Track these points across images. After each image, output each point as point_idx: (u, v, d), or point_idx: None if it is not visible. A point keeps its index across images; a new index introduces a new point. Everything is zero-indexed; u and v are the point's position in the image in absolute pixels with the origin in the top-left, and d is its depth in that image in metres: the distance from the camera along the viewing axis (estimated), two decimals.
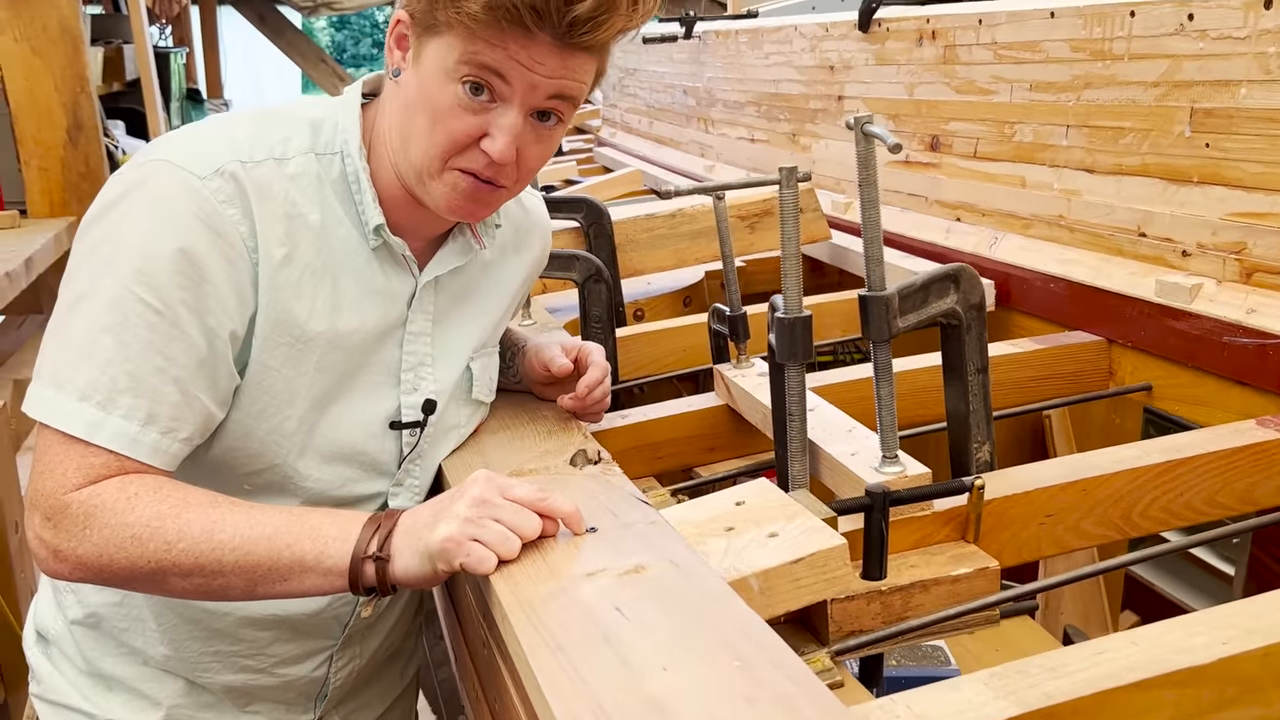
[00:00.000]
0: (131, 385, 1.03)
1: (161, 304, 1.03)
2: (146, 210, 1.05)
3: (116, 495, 1.02)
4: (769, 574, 1.02)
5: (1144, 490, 1.26)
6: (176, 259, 1.03)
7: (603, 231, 2.18)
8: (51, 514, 1.02)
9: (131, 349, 1.02)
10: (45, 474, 1.03)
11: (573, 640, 0.91)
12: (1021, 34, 1.95)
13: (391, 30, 1.11)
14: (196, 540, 1.01)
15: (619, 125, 4.59)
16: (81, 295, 1.04)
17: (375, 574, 1.03)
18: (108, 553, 1.01)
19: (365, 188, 1.14)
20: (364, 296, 1.17)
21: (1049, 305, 1.86)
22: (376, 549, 1.02)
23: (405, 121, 1.10)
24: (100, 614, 1.23)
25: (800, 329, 1.17)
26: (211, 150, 1.08)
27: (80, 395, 1.02)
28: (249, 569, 1.02)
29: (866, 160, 1.12)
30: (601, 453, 1.32)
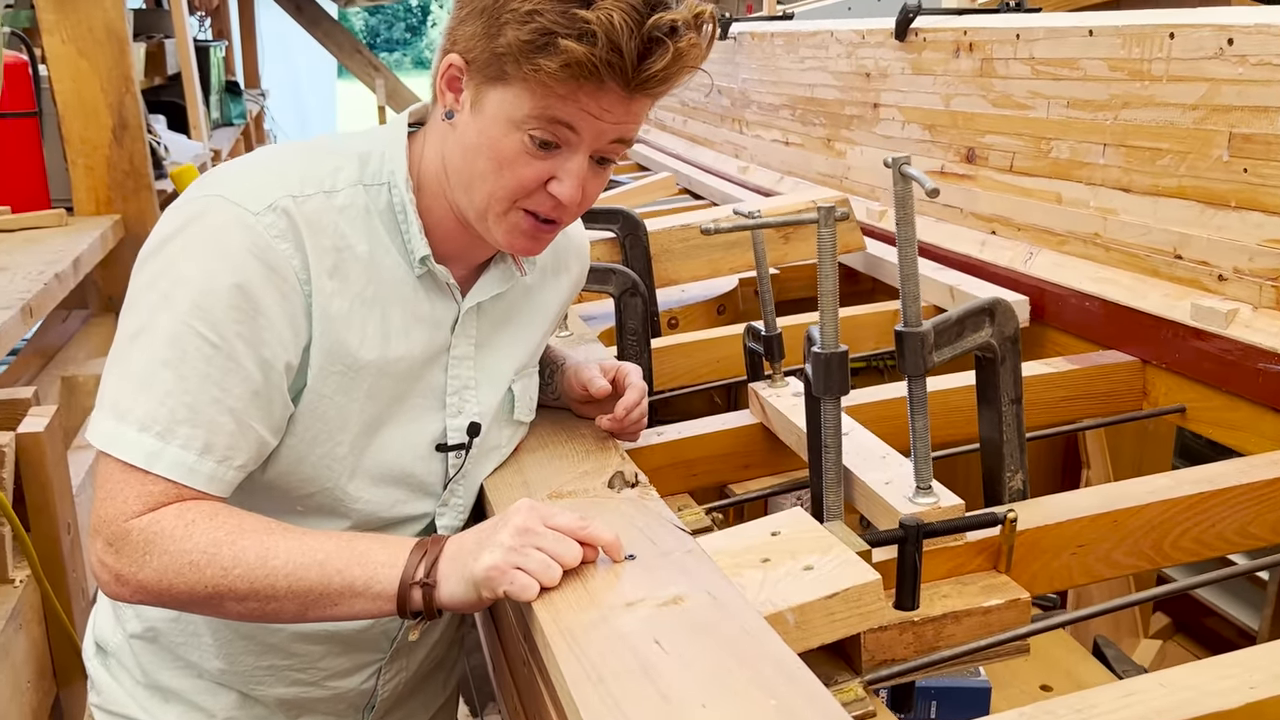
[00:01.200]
0: (189, 416, 1.06)
1: (218, 337, 1.07)
2: (202, 245, 1.08)
3: (174, 523, 1.06)
4: (805, 609, 1.04)
5: (1176, 521, 1.28)
6: (232, 293, 1.07)
7: (638, 242, 2.21)
8: (113, 540, 1.06)
9: (189, 382, 1.06)
10: (106, 501, 1.07)
11: (613, 672, 0.94)
12: (1059, 50, 1.95)
13: (443, 73, 1.13)
14: (251, 566, 1.05)
15: (652, 122, 4.60)
16: (141, 328, 1.08)
17: (422, 599, 1.06)
18: (167, 578, 1.05)
19: (412, 219, 1.18)
20: (411, 324, 1.20)
21: (1083, 323, 1.87)
22: (424, 575, 1.06)
23: (466, 164, 1.13)
24: (158, 629, 1.28)
25: (836, 364, 1.19)
26: (264, 185, 1.12)
27: (140, 426, 1.06)
28: (301, 594, 1.06)
29: (904, 200, 1.13)
30: (639, 475, 1.35)
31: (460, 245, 1.22)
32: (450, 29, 1.14)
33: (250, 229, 1.08)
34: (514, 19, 1.04)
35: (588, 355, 1.83)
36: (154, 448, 1.06)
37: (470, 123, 1.12)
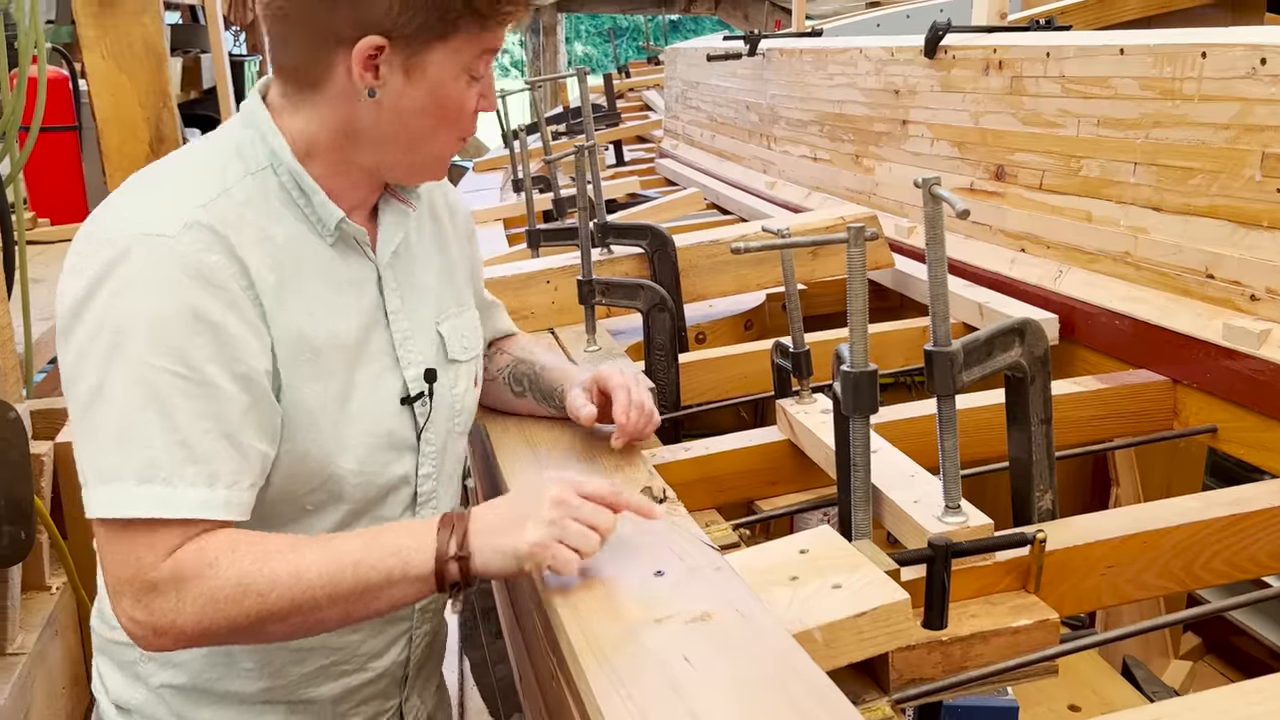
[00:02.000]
0: (187, 454, 1.05)
1: (186, 368, 1.06)
2: (134, 285, 1.07)
3: (197, 562, 1.05)
4: (833, 627, 1.05)
5: (1207, 543, 1.27)
6: (184, 320, 1.06)
7: (666, 258, 2.22)
8: (141, 595, 1.05)
9: (174, 419, 1.05)
10: (121, 563, 1.05)
11: (642, 689, 0.95)
12: (1090, 69, 1.95)
13: (358, 60, 1.14)
14: (288, 586, 1.06)
15: (681, 137, 4.62)
16: (96, 388, 1.06)
17: (459, 571, 1.09)
18: (207, 616, 1.05)
19: (315, 189, 1.20)
20: (340, 292, 1.22)
21: (1113, 342, 1.86)
22: (456, 549, 1.09)
23: (405, 128, 1.19)
24: (192, 668, 1.26)
25: (865, 383, 1.19)
26: (169, 206, 1.11)
27: (139, 479, 1.04)
28: (341, 598, 1.07)
29: (934, 221, 1.14)
30: (667, 490, 1.36)
31: (350, 199, 1.25)
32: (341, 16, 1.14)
33: (176, 253, 1.08)
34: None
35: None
36: (163, 494, 1.05)
37: (409, 91, 1.16)
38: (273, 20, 1.17)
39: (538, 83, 3.16)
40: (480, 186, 4.72)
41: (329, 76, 1.17)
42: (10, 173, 2.19)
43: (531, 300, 2.18)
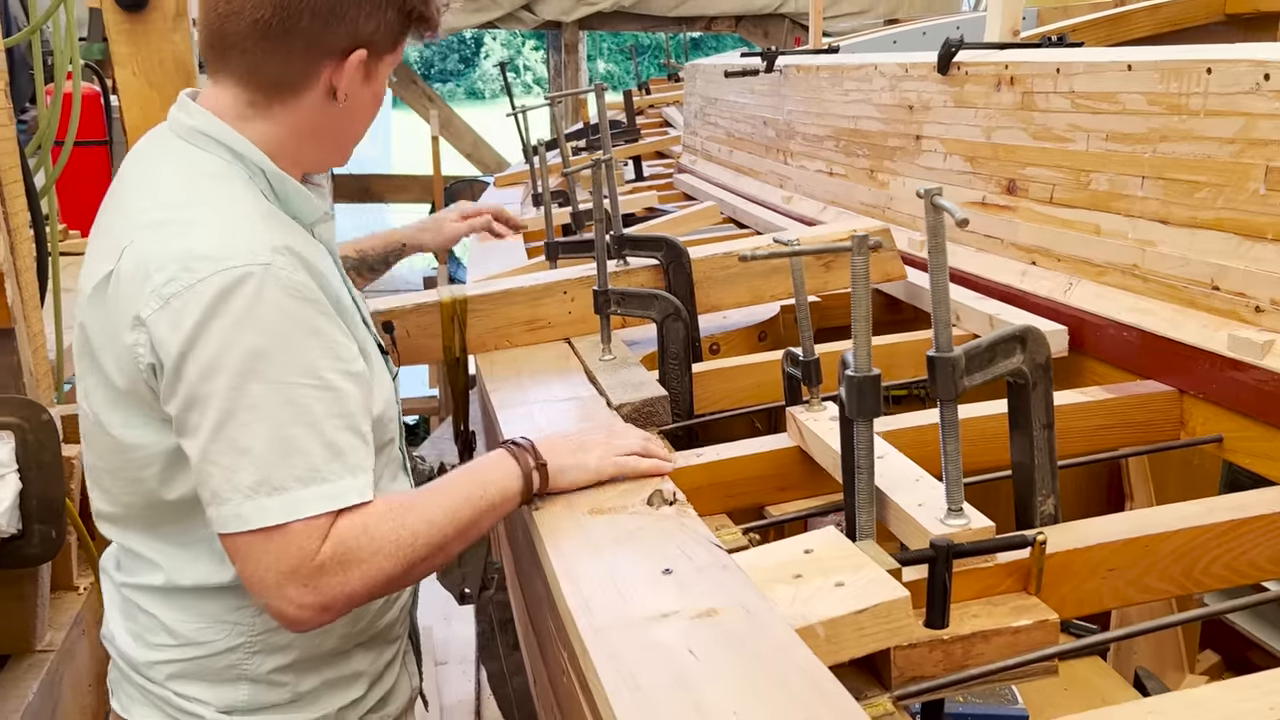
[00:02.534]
0: (334, 453, 1.21)
1: (316, 379, 1.21)
2: (250, 314, 1.18)
3: (355, 537, 1.21)
4: (835, 623, 1.08)
5: (1207, 547, 1.29)
6: (304, 336, 1.21)
7: (681, 269, 2.26)
8: (310, 579, 1.19)
9: (319, 426, 1.20)
10: (281, 559, 1.19)
11: (650, 681, 0.98)
12: (1099, 85, 1.98)
13: (349, 69, 1.30)
14: (426, 532, 1.25)
15: (699, 153, 4.66)
16: (229, 412, 1.18)
17: (540, 481, 1.36)
18: (369, 578, 1.22)
19: (300, 189, 1.35)
20: (331, 276, 1.36)
21: (1121, 353, 1.89)
22: (535, 462, 1.36)
23: (351, 126, 1.37)
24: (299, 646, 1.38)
25: (869, 388, 1.23)
26: (245, 234, 1.23)
27: (305, 481, 1.19)
28: (463, 531, 1.30)
29: (936, 230, 1.17)
30: (677, 494, 1.39)
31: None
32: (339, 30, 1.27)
33: (279, 279, 1.21)
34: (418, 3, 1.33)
35: (628, 378, 1.89)
36: (328, 492, 1.20)
37: (364, 92, 1.33)
38: (260, 37, 1.26)
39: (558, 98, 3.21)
40: (501, 201, 4.78)
41: (311, 85, 1.30)
42: (44, 185, 2.26)
43: (548, 310, 2.22)
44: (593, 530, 1.32)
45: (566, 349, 2.16)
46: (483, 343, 2.18)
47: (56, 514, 1.73)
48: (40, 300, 2.07)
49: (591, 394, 1.86)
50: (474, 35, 32.63)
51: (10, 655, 1.82)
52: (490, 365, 2.11)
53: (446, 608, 4.83)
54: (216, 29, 1.28)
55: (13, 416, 1.68)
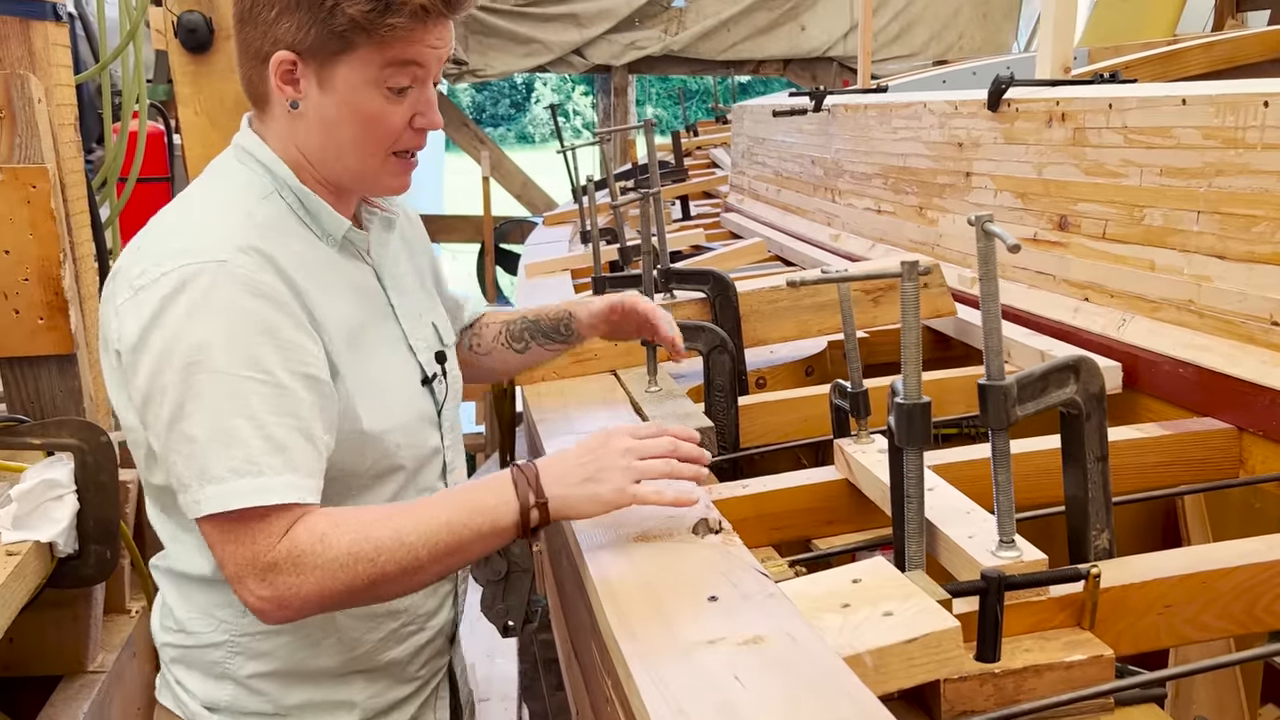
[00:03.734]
0: (276, 449, 1.19)
1: (265, 374, 1.19)
2: (203, 308, 1.19)
3: (309, 538, 1.17)
4: (883, 652, 1.06)
5: (1269, 585, 1.26)
6: (254, 332, 1.20)
7: (728, 302, 2.26)
8: (264, 573, 1.17)
9: (260, 420, 1.18)
10: (238, 551, 1.18)
11: (694, 706, 0.97)
12: (1152, 119, 1.96)
13: (276, 72, 1.26)
14: (393, 550, 1.18)
15: (747, 192, 4.68)
16: (180, 404, 1.18)
17: (540, 517, 1.23)
18: (326, 585, 1.17)
19: (320, 203, 1.33)
20: (350, 292, 1.36)
21: (1177, 390, 1.85)
22: (535, 499, 1.23)
23: (331, 138, 1.29)
24: (279, 655, 1.37)
25: (919, 415, 1.21)
26: (214, 236, 1.24)
27: (239, 474, 1.17)
28: (440, 556, 1.21)
29: (987, 257, 1.17)
30: (723, 522, 1.38)
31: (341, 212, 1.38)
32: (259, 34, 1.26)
33: (235, 275, 1.21)
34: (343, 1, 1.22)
35: (674, 410, 1.89)
36: (264, 484, 1.17)
37: (324, 102, 1.27)
38: (235, 48, 1.30)
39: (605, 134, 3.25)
40: (550, 239, 4.83)
41: (267, 93, 1.29)
42: (109, 218, 2.32)
43: (595, 343, 2.22)
44: (637, 556, 1.31)
45: (613, 381, 2.17)
46: (529, 375, 2.19)
47: (112, 535, 1.76)
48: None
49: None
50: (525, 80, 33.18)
51: (63, 676, 1.85)
52: (537, 397, 2.12)
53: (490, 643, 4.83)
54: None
55: (72, 438, 1.72)
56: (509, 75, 8.95)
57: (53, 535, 1.65)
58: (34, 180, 1.81)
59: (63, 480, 1.70)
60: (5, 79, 1.78)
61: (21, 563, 1.56)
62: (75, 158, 1.99)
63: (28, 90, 1.80)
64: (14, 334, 1.84)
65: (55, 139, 1.90)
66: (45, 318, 1.85)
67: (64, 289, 1.85)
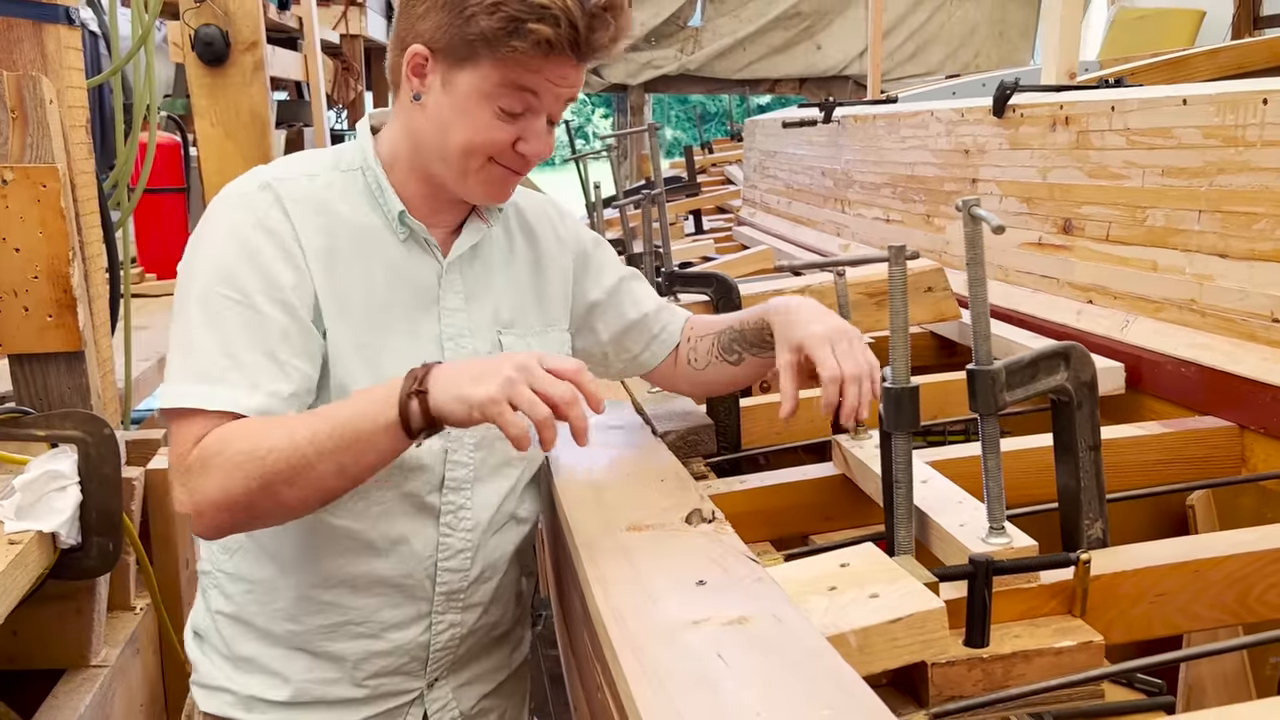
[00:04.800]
0: (233, 363, 1.23)
1: (239, 294, 1.26)
2: (214, 227, 1.31)
3: (215, 443, 1.20)
4: (867, 632, 1.06)
5: (1261, 575, 1.25)
6: (241, 256, 1.27)
7: (731, 305, 2.26)
8: (180, 475, 1.21)
9: (225, 333, 1.24)
10: (173, 451, 1.23)
11: (675, 680, 0.97)
12: (1154, 120, 1.96)
13: (409, 62, 1.32)
14: (282, 449, 1.17)
15: (759, 205, 4.70)
16: (177, 309, 1.29)
17: (419, 409, 1.15)
18: (224, 485, 1.18)
19: (386, 187, 1.37)
20: (395, 276, 1.37)
21: (1180, 389, 1.84)
22: (415, 386, 1.16)
23: (441, 135, 1.32)
24: (236, 600, 1.42)
25: (907, 399, 1.22)
26: (256, 174, 1.35)
27: (194, 379, 1.23)
28: (328, 453, 1.17)
29: (974, 241, 1.17)
30: (716, 513, 1.39)
31: (433, 210, 1.40)
32: (407, 25, 1.32)
33: (247, 205, 1.31)
34: (481, 10, 1.24)
35: (673, 409, 1.89)
36: (207, 392, 1.22)
37: (442, 101, 1.31)
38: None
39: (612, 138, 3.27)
40: None
41: (399, 78, 1.35)
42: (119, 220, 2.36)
43: None
44: (629, 544, 1.31)
45: (617, 383, 2.17)
46: None
47: (115, 527, 1.78)
48: (110, 328, 2.15)
49: (636, 422, 1.87)
50: None
51: (66, 669, 1.86)
52: None
53: None
54: None
55: (76, 430, 1.74)
56: None
57: (55, 525, 1.67)
58: (44, 179, 1.84)
59: (66, 472, 1.71)
60: (18, 80, 1.82)
61: (23, 552, 1.58)
62: (86, 159, 2.02)
63: (39, 91, 1.84)
64: (23, 331, 1.87)
65: (66, 140, 1.93)
66: (54, 315, 1.87)
67: (73, 287, 1.88)
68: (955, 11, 8.84)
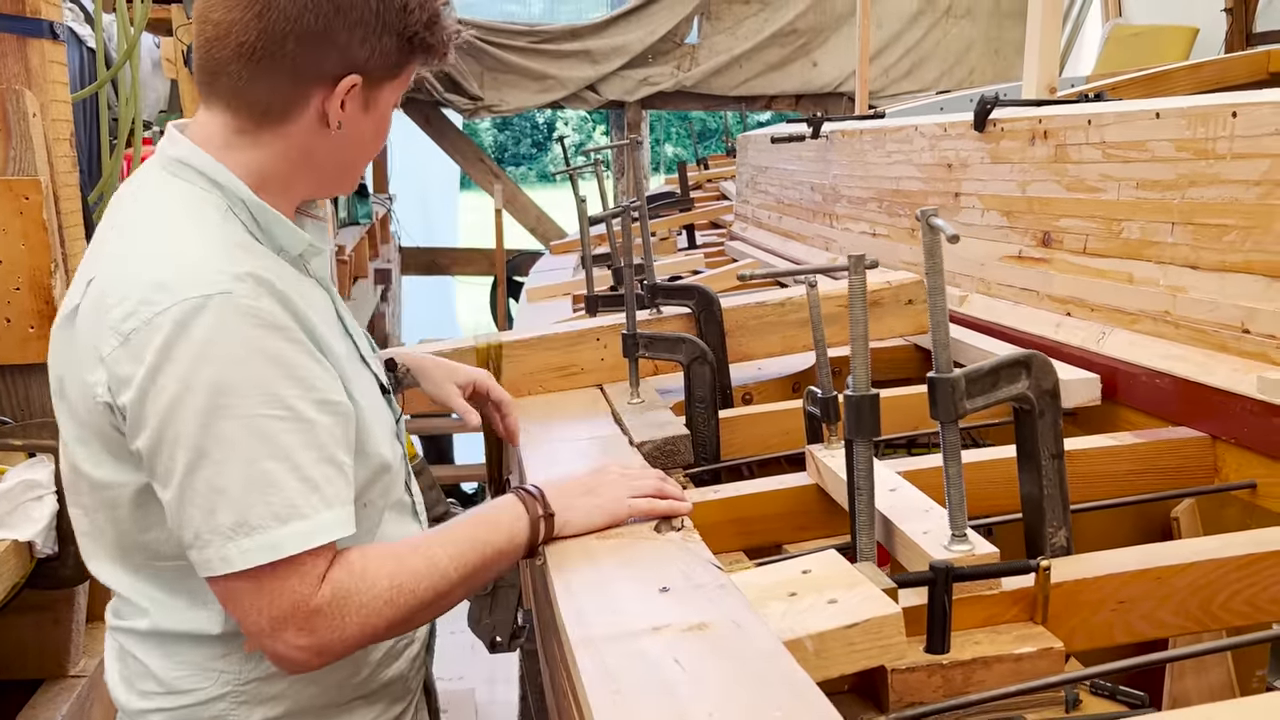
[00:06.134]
0: (310, 486, 1.16)
1: (285, 410, 1.15)
2: (213, 344, 1.13)
3: (349, 577, 1.18)
4: (823, 636, 1.07)
5: (1224, 582, 1.25)
6: (268, 366, 1.15)
7: (713, 318, 2.28)
8: (305, 623, 1.15)
9: (293, 459, 1.15)
10: (275, 602, 1.14)
11: (630, 684, 0.98)
12: (1128, 134, 1.98)
13: (339, 94, 1.25)
14: (426, 577, 1.22)
15: (750, 220, 4.72)
16: (201, 453, 1.13)
17: (546, 528, 1.32)
18: (370, 623, 1.19)
19: (280, 218, 1.28)
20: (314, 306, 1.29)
21: (1154, 400, 1.85)
22: (543, 510, 1.32)
23: (355, 153, 1.33)
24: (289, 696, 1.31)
25: (867, 407, 1.23)
26: (203, 262, 1.17)
27: (281, 521, 1.14)
28: (469, 576, 1.26)
29: (932, 250, 1.18)
30: (685, 521, 1.40)
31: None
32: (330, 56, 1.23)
33: (240, 308, 1.15)
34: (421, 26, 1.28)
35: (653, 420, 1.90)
36: (306, 529, 1.15)
37: (363, 121, 1.30)
38: (245, 61, 1.22)
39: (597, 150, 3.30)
40: (555, 267, 4.89)
41: (300, 111, 1.25)
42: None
43: (582, 357, 2.26)
44: (597, 552, 1.32)
45: (597, 394, 2.19)
46: (517, 388, 2.21)
47: None
48: None
49: (615, 433, 1.88)
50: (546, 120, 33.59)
51: (44, 679, 1.87)
52: (522, 410, 2.14)
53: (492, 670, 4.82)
54: (204, 54, 1.25)
55: (54, 439, 1.75)
56: (524, 111, 9.06)
57: (31, 535, 1.68)
58: (27, 192, 1.86)
59: (43, 481, 1.72)
60: (1, 94, 1.84)
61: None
62: (70, 172, 2.04)
63: (23, 105, 1.86)
64: (5, 342, 1.88)
65: (50, 152, 1.95)
66: (35, 326, 1.89)
67: (54, 298, 1.89)
68: (950, 29, 8.89)
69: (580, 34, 8.64)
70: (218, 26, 1.23)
